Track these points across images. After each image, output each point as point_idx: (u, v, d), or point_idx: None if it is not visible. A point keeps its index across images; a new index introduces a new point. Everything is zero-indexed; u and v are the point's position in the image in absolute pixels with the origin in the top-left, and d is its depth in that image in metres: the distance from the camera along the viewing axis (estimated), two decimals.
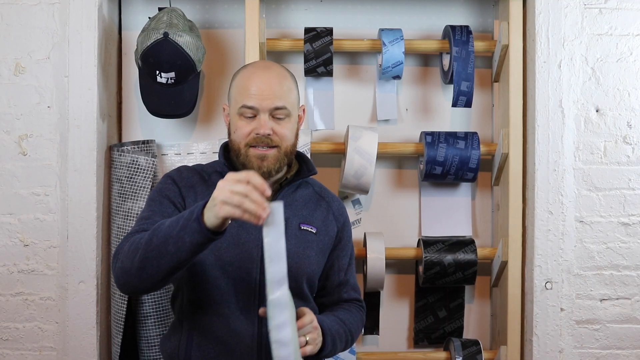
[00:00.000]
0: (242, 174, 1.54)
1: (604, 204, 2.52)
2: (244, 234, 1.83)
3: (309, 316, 1.73)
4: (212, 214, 1.55)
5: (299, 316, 1.72)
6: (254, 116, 1.84)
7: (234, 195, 1.52)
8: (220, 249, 1.81)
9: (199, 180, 1.90)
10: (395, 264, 2.68)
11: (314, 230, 1.91)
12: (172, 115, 2.45)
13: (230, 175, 1.55)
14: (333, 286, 1.98)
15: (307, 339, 1.71)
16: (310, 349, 1.71)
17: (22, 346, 2.43)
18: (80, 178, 2.42)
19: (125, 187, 2.45)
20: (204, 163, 2.02)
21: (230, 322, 1.80)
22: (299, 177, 1.94)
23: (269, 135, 1.82)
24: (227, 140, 1.93)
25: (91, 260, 2.42)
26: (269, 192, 1.54)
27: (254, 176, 1.54)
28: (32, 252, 2.43)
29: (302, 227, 1.90)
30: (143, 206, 2.23)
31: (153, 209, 1.83)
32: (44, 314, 2.43)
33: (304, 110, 1.97)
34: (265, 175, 1.84)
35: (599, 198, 2.52)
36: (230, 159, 1.92)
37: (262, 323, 1.80)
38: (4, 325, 2.43)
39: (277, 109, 1.83)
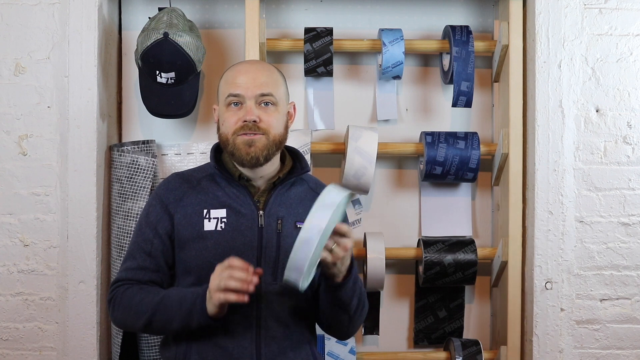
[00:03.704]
0: (224, 262, 1.69)
1: (604, 204, 2.52)
2: (240, 237, 1.83)
3: (347, 229, 1.70)
4: (212, 305, 1.71)
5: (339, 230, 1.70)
6: (241, 105, 1.84)
7: (221, 281, 1.67)
8: (216, 255, 1.81)
9: (188, 189, 1.90)
10: (395, 264, 2.68)
11: None
12: (172, 115, 2.45)
13: (217, 267, 1.71)
14: None
15: (334, 247, 1.68)
16: (329, 258, 1.68)
17: (22, 346, 2.43)
18: (80, 178, 2.42)
19: (125, 187, 2.45)
20: (204, 163, 2.02)
21: (228, 326, 1.79)
22: (293, 175, 1.93)
23: (255, 121, 1.83)
24: (218, 142, 1.92)
25: (91, 260, 2.42)
26: (251, 267, 1.68)
27: (232, 259, 1.69)
28: (32, 252, 2.43)
29: (299, 226, 1.88)
30: (143, 207, 2.23)
31: (138, 241, 1.88)
32: (44, 314, 2.43)
33: (294, 107, 1.96)
34: (253, 162, 1.84)
35: (599, 198, 2.52)
36: (222, 160, 1.91)
37: (260, 327, 1.80)
38: (4, 325, 2.43)
39: (263, 95, 1.84)
